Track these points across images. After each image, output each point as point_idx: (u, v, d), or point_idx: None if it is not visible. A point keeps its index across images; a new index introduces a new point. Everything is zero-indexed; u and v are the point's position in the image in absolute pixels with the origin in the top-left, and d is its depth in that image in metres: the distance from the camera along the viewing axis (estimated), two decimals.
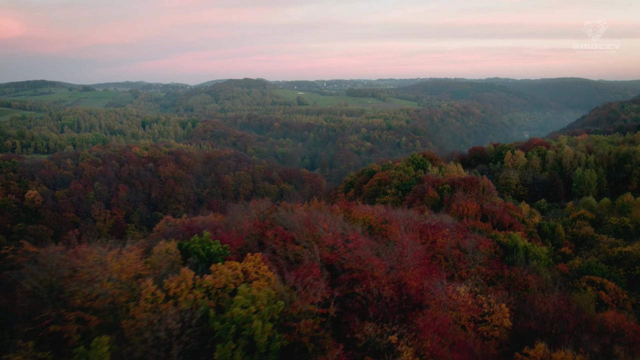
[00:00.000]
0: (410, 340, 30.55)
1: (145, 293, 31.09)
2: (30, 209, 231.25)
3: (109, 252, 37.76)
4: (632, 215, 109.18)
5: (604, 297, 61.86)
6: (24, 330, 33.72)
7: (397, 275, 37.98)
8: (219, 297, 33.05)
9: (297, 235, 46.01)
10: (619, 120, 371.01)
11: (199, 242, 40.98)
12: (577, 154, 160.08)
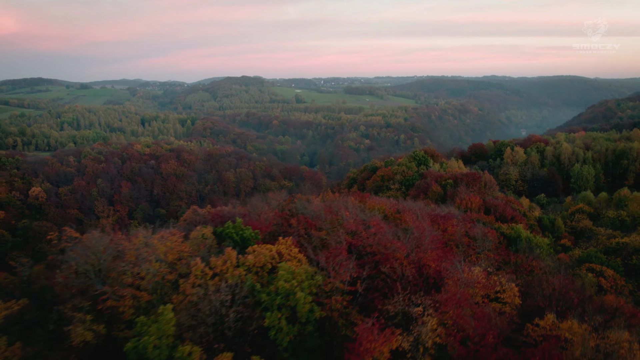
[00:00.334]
0: (433, 312, 34.19)
1: (195, 270, 34.64)
2: (35, 205, 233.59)
3: (154, 236, 41.23)
4: (628, 208, 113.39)
5: (603, 283, 65.85)
6: (82, 305, 37.19)
7: (417, 257, 41.69)
8: (259, 274, 36.60)
9: (320, 222, 49.61)
10: (615, 117, 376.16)
11: (233, 227, 44.49)
12: (575, 150, 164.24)
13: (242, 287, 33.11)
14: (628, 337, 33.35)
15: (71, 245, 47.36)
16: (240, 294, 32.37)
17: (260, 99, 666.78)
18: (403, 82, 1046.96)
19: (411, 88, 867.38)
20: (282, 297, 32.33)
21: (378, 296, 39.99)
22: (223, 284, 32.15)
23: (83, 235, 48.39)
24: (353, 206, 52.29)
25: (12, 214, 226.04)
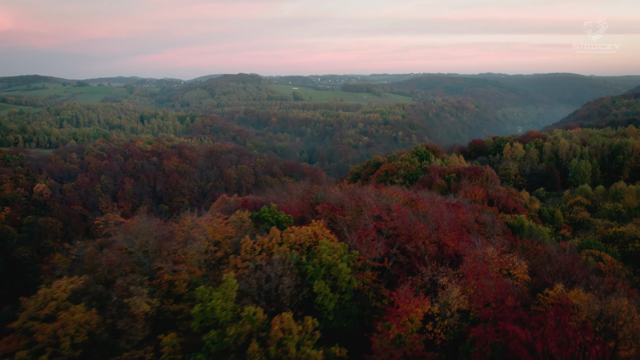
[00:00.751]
0: (456, 282, 38.77)
1: (245, 247, 39.07)
2: (39, 201, 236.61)
3: (201, 218, 45.57)
4: (624, 201, 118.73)
5: (602, 266, 70.73)
6: (140, 280, 41.51)
7: (437, 237, 46.32)
8: (300, 251, 41.01)
9: (345, 207, 54.11)
10: (610, 114, 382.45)
11: (269, 211, 48.96)
12: (572, 145, 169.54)
13: (289, 260, 37.56)
14: (627, 303, 38.07)
15: (117, 229, 51.73)
16: (289, 266, 36.83)
17: (258, 96, 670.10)
18: (400, 80, 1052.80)
19: (408, 85, 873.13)
20: (325, 268, 36.82)
21: (403, 272, 44.66)
22: (275, 257, 36.61)
23: (127, 220, 52.71)
24: (374, 194, 56.76)
25: (17, 210, 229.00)
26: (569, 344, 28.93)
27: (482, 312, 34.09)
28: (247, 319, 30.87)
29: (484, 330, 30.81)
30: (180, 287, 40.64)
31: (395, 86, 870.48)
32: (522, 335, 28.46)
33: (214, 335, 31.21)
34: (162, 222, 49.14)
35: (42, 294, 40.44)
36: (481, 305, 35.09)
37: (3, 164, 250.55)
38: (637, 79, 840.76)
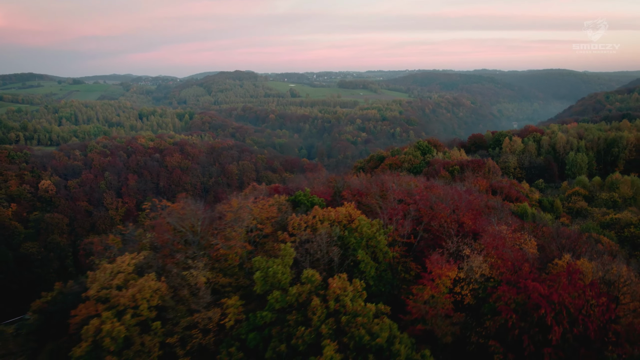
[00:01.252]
0: (477, 253, 44.48)
1: (293, 223, 44.64)
2: (45, 198, 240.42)
3: (247, 200, 50.98)
4: (619, 191, 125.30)
5: (600, 247, 76.85)
6: (195, 255, 46.95)
7: (456, 217, 52.01)
8: (339, 227, 46.56)
9: (369, 192, 59.75)
10: (604, 110, 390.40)
11: (304, 195, 54.52)
12: (569, 139, 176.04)
13: (333, 233, 43.13)
14: (626, 269, 44.05)
15: (164, 212, 57.15)
16: (333, 238, 42.39)
17: (255, 93, 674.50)
18: (395, 76, 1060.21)
19: (404, 82, 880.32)
20: (365, 240, 42.42)
21: (427, 247, 50.39)
22: (319, 232, 42.16)
23: (173, 205, 58.11)
24: (395, 180, 62.41)
25: (24, 206, 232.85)
26: (580, 296, 34.71)
27: (504, 276, 39.78)
28: (306, 280, 36.44)
29: (507, 287, 36.55)
30: (234, 260, 46.13)
31: (391, 83, 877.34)
32: (541, 288, 34.21)
33: (278, 295, 36.76)
34: (207, 206, 54.43)
35: (109, 268, 45.74)
36: (503, 270, 40.81)
37: (8, 161, 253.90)
38: (630, 74, 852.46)
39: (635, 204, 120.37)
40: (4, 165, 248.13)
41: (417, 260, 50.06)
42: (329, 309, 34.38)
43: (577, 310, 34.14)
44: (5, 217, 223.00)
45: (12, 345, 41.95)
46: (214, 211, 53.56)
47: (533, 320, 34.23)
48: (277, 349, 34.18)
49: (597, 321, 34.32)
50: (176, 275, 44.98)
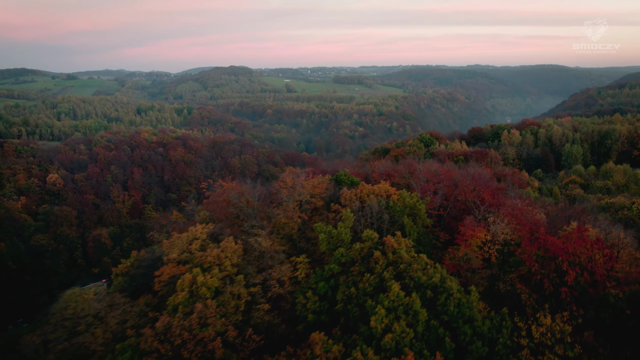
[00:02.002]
0: (500, 221, 53.22)
1: (344, 195, 53.14)
2: (53, 191, 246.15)
3: (300, 178, 59.24)
4: (613, 179, 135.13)
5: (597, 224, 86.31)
6: (259, 224, 55.18)
7: (478, 193, 60.79)
8: (383, 198, 55.13)
9: (399, 173, 68.38)
10: (596, 105, 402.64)
11: (344, 175, 63.01)
12: (565, 132, 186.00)
13: (381, 203, 51.69)
14: (623, 233, 53.24)
15: (221, 190, 65.30)
16: (382, 207, 50.94)
17: (251, 88, 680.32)
18: (389, 72, 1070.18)
19: (398, 77, 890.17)
20: (408, 208, 50.99)
21: (453, 219, 59.14)
22: (373, 200, 50.70)
23: (229, 184, 66.23)
24: (421, 163, 71.10)
25: (33, 199, 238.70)
26: (588, 249, 43.58)
27: (524, 237, 48.50)
28: (367, 237, 45.00)
29: (529, 242, 45.34)
30: (293, 228, 54.57)
31: (385, 78, 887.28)
32: (557, 241, 43.06)
33: (342, 250, 45.27)
34: (260, 186, 62.69)
35: (184, 236, 53.91)
36: (522, 233, 49.55)
37: (15, 155, 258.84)
38: (621, 70, 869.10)
39: (628, 191, 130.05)
40: (11, 159, 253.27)
41: (445, 230, 58.81)
42: (388, 259, 42.92)
43: (586, 259, 42.98)
44: (15, 210, 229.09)
45: (112, 298, 49.90)
46: (269, 189, 61.77)
47: (551, 267, 43.02)
48: (347, 292, 42.67)
49: (602, 268, 43.22)
50: (246, 240, 53.18)
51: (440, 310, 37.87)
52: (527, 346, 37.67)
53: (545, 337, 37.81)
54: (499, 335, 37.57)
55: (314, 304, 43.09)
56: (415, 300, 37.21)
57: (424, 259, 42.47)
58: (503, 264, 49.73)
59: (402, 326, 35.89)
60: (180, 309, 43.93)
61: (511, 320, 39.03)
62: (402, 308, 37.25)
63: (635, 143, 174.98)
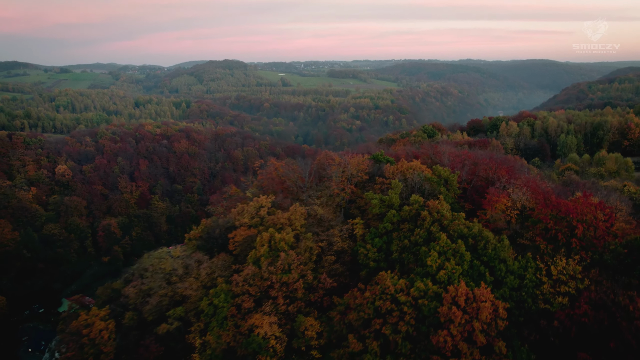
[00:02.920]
0: (518, 190, 64.14)
1: (388, 169, 63.74)
2: (62, 182, 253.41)
3: (347, 156, 69.66)
4: (606, 166, 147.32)
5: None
6: (314, 194, 65.59)
7: (495, 169, 71.72)
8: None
9: (424, 154, 79.10)
10: (587, 99, 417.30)
11: (380, 155, 73.59)
12: (560, 123, 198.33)
13: (420, 176, 62.44)
14: (619, 202, 64.58)
15: (272, 167, 75.49)
16: (421, 178, 61.73)
17: (247, 82, 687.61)
18: (382, 66, 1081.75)
19: (392, 71, 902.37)
20: (443, 179, 61.77)
21: (476, 192, 70.03)
22: (413, 172, 61.38)
23: (278, 162, 76.47)
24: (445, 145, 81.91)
25: (43, 190, 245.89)
26: (593, 209, 54.64)
27: (539, 201, 59.48)
28: (414, 201, 55.75)
29: (544, 204, 56.37)
30: (345, 197, 65.11)
31: (379, 72, 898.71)
32: (568, 203, 54.15)
33: (394, 212, 56.00)
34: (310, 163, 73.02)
35: (252, 205, 64.18)
36: (538, 198, 60.56)
37: (24, 147, 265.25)
38: (610, 65, 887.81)
39: (619, 176, 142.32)
40: (20, 150, 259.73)
41: (469, 202, 69.67)
42: (434, 217, 53.68)
43: (591, 217, 54.04)
44: (27, 200, 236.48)
45: (196, 255, 60.11)
46: (317, 165, 72.24)
47: (563, 224, 54.04)
48: (400, 244, 53.40)
49: (604, 224, 54.34)
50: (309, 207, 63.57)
51: (481, 253, 48.81)
52: (547, 281, 48.66)
53: (561, 274, 48.84)
54: (525, 272, 48.54)
55: (374, 254, 53.79)
56: (460, 245, 48.10)
57: (463, 215, 53.35)
58: (522, 224, 60.65)
59: (452, 264, 46.78)
60: (263, 260, 54.28)
61: (534, 262, 49.97)
62: (450, 251, 48.13)
63: (625, 134, 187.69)
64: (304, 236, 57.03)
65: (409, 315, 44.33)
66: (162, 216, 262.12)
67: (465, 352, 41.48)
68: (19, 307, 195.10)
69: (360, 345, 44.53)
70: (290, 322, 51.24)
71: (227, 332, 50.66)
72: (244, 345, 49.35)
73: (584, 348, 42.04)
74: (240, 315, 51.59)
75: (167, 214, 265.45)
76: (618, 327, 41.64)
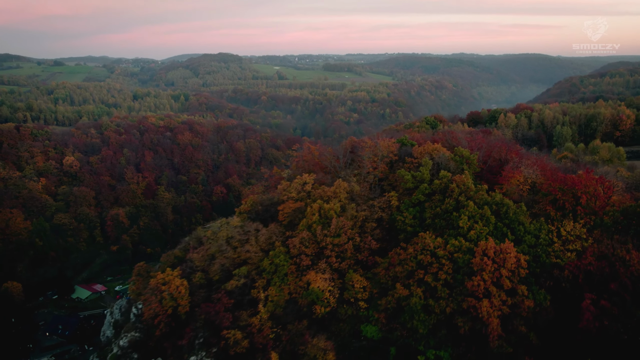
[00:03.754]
0: (529, 168, 74.39)
1: (416, 150, 73.73)
2: (71, 173, 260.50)
3: (378, 139, 79.41)
4: (599, 154, 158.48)
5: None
6: (352, 172, 75.38)
7: (507, 152, 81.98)
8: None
9: (441, 139, 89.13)
10: (579, 92, 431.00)
11: (405, 138, 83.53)
12: (555, 115, 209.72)
13: (445, 155, 72.51)
14: (615, 179, 75.15)
15: (307, 150, 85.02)
16: (446, 158, 71.84)
17: (243, 75, 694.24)
18: (376, 60, 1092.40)
19: (386, 65, 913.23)
20: (464, 159, 71.88)
21: (490, 172, 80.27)
22: (438, 152, 71.36)
23: (313, 146, 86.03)
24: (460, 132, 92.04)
25: (52, 180, 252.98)
26: (594, 182, 65.01)
27: (548, 176, 69.78)
28: (443, 176, 65.78)
29: (552, 179, 66.72)
30: (379, 175, 74.97)
31: (374, 66, 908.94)
32: (573, 177, 64.52)
33: (425, 185, 66.01)
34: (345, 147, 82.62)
35: (296, 181, 73.76)
36: (547, 175, 70.88)
37: (32, 139, 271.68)
38: (601, 59, 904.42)
39: (612, 164, 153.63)
40: (29, 142, 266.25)
41: (485, 181, 79.82)
42: (461, 189, 63.76)
43: (593, 189, 64.40)
44: (37, 190, 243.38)
45: (254, 224, 69.74)
46: (350, 148, 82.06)
47: (569, 195, 64.38)
48: (433, 212, 63.47)
49: (603, 195, 64.78)
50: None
51: (503, 217, 59.11)
52: (557, 241, 59.03)
53: (569, 235, 59.22)
54: (540, 233, 58.85)
55: (411, 220, 63.88)
56: (486, 210, 58.36)
57: (485, 187, 63.60)
58: (533, 197, 70.99)
59: (480, 226, 56.98)
60: (315, 226, 64.05)
61: (546, 226, 60.31)
62: (478, 215, 58.36)
63: (617, 125, 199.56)
64: (348, 206, 66.72)
65: (447, 266, 54.46)
66: (168, 206, 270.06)
67: (494, 294, 51.61)
68: (33, 294, 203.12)
69: (407, 291, 54.52)
70: (342, 277, 61.23)
71: (288, 285, 60.47)
72: (304, 296, 59.25)
73: (589, 290, 52.36)
74: (298, 272, 61.40)
75: (173, 204, 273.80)
76: (617, 273, 52.00)
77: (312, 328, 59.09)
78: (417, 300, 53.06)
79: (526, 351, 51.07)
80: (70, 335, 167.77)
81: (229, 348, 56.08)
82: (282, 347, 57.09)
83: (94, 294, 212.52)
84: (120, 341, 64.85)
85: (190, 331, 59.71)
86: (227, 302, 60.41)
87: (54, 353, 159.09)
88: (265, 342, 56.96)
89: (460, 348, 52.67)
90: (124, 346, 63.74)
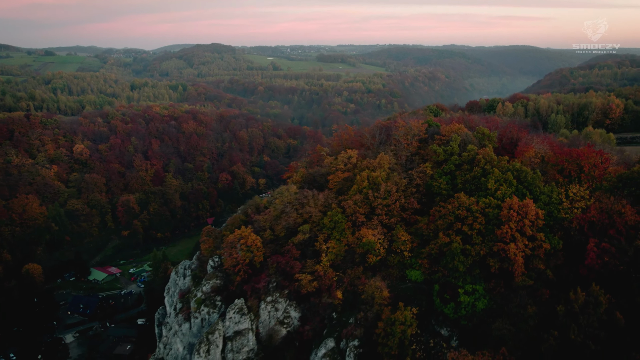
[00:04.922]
0: (537, 143, 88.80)
1: (444, 129, 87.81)
2: (81, 160, 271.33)
3: (409, 120, 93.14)
4: (592, 140, 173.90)
5: None
6: (390, 149, 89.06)
7: (518, 132, 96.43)
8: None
9: (462, 121, 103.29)
10: (569, 84, 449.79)
11: (431, 120, 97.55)
12: (550, 104, 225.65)
13: (470, 134, 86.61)
14: (611, 153, 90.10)
15: (346, 131, 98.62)
16: (470, 135, 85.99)
17: (237, 66, 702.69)
18: (368, 51, 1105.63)
19: (379, 56, 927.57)
20: (485, 136, 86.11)
21: (503, 149, 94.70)
22: (462, 132, 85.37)
23: (349, 127, 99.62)
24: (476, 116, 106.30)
25: (63, 168, 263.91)
26: (594, 154, 79.62)
27: (555, 150, 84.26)
28: (470, 149, 79.93)
29: (560, 152, 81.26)
30: (411, 151, 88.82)
31: (366, 57, 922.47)
32: (577, 150, 79.15)
33: (455, 157, 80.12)
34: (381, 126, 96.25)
35: (342, 155, 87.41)
36: (555, 150, 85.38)
37: (42, 127, 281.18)
38: (590, 52, 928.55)
39: (604, 149, 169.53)
40: (39, 130, 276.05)
41: (499, 154, 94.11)
42: (486, 160, 77.98)
43: (593, 160, 79.02)
44: (49, 177, 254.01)
45: (311, 192, 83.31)
46: (391, 125, 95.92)
47: (574, 165, 78.95)
48: (463, 178, 77.62)
49: (602, 165, 79.53)
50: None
51: (522, 180, 73.66)
52: (565, 201, 73.63)
53: (575, 196, 73.85)
54: (552, 194, 73.34)
55: (445, 185, 78.08)
56: (509, 175, 72.70)
57: (506, 158, 78.00)
58: (542, 168, 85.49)
59: (505, 187, 71.34)
60: (365, 190, 77.89)
61: (557, 189, 74.85)
62: (502, 179, 72.73)
63: (607, 113, 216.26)
64: (391, 175, 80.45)
65: (480, 218, 68.70)
66: (175, 193, 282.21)
67: (518, 239, 65.98)
68: (51, 276, 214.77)
69: (448, 239, 68.67)
70: (390, 231, 75.30)
71: (346, 238, 74.51)
72: (360, 246, 73.33)
73: (593, 236, 67.02)
74: (353, 228, 75.48)
75: (180, 190, 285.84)
76: (614, 222, 66.77)
77: (366, 273, 73.16)
78: (457, 245, 67.06)
79: (544, 284, 65.58)
80: (91, 314, 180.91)
81: (301, 288, 69.93)
82: (344, 287, 71.14)
83: (110, 275, 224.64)
84: (203, 287, 77.91)
85: (266, 276, 73.29)
86: (295, 252, 74.11)
87: (78, 330, 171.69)
88: (330, 283, 70.96)
89: (491, 283, 67.04)
90: (207, 291, 76.99)
